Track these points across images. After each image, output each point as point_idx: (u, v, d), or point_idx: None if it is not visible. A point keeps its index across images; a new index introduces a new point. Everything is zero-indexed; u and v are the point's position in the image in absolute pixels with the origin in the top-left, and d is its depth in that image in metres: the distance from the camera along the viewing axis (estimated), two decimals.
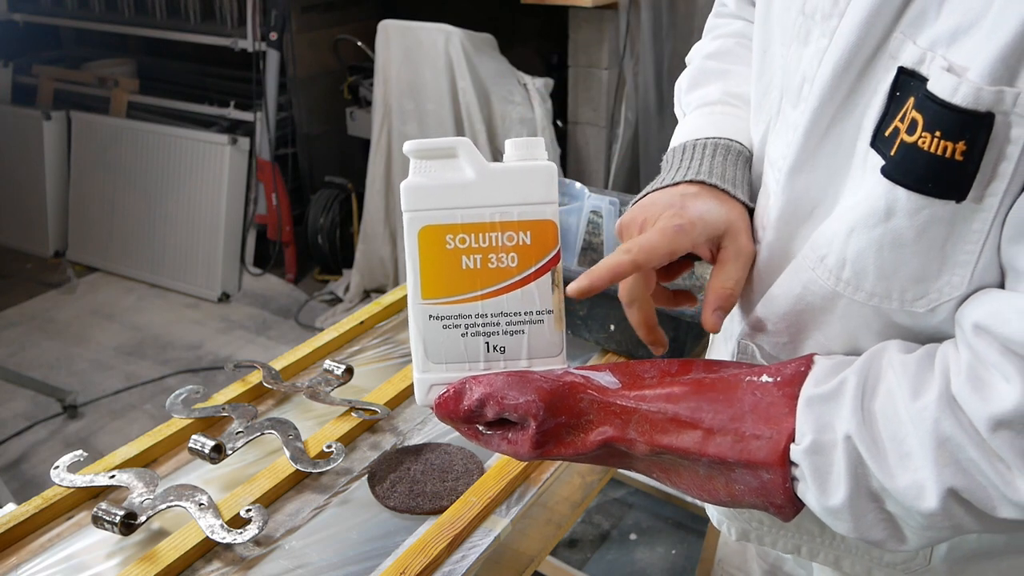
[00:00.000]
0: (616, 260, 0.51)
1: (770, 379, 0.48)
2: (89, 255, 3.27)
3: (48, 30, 3.66)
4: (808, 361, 0.49)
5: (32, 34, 3.58)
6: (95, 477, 0.77)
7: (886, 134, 0.44)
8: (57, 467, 0.78)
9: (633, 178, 2.55)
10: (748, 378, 0.48)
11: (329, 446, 0.83)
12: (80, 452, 0.80)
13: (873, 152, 0.46)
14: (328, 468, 0.80)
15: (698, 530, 1.88)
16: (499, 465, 0.81)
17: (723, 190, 0.57)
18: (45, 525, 0.76)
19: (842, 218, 0.48)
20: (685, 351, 1.01)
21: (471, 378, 0.51)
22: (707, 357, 0.60)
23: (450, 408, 0.51)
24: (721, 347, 0.66)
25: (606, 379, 0.51)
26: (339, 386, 0.94)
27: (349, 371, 0.95)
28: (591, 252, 1.27)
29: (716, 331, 0.54)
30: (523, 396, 0.48)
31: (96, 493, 0.78)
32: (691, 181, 0.57)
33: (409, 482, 0.81)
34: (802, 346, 0.54)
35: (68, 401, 2.37)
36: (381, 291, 2.90)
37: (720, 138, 0.61)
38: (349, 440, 0.87)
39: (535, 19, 2.78)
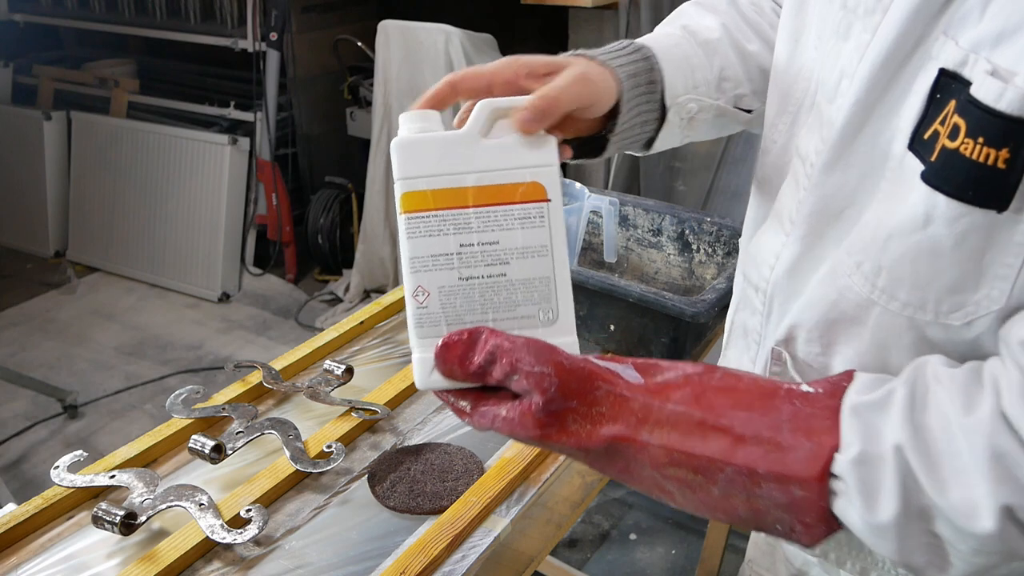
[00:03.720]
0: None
1: (811, 389, 0.44)
2: (89, 255, 3.27)
3: (48, 30, 3.65)
4: (848, 376, 0.44)
5: (32, 34, 3.58)
6: (95, 477, 0.77)
7: (924, 137, 0.43)
8: (57, 467, 0.78)
9: (633, 178, 2.55)
10: (787, 386, 0.44)
11: (329, 446, 0.83)
12: (80, 452, 0.80)
13: (911, 155, 0.44)
14: (328, 468, 0.80)
15: (698, 530, 1.88)
16: (499, 465, 0.81)
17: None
18: (45, 525, 0.76)
19: (879, 223, 0.46)
20: (685, 351, 1.01)
21: (488, 328, 0.46)
22: (720, 364, 0.57)
23: (458, 353, 0.46)
24: (740, 354, 0.64)
25: (628, 373, 0.46)
26: (339, 386, 0.94)
27: (349, 371, 0.95)
28: (591, 252, 1.27)
29: (527, 130, 0.47)
30: (539, 365, 0.44)
31: (96, 493, 0.78)
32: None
33: (409, 482, 0.81)
34: (833, 360, 0.52)
35: (68, 401, 2.37)
36: (381, 291, 2.90)
37: (648, 48, 0.59)
38: (349, 440, 0.87)
39: (535, 19, 2.77)
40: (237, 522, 0.73)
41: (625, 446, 0.44)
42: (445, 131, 0.48)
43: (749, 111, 0.66)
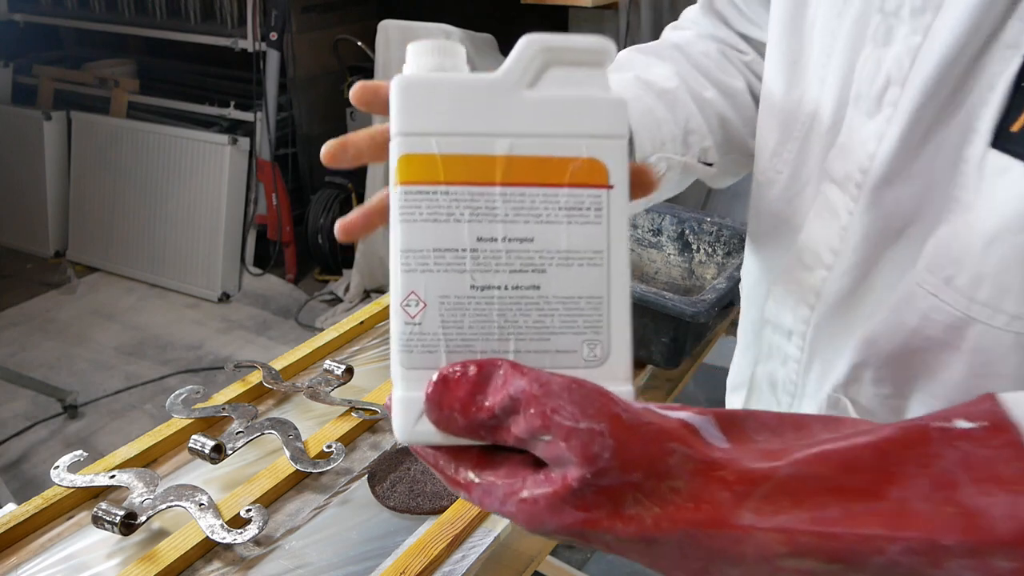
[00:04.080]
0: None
1: (970, 424, 0.32)
2: (89, 255, 3.27)
3: (48, 30, 3.66)
4: (990, 399, 0.33)
5: (32, 34, 3.58)
6: (95, 477, 0.77)
7: (1013, 130, 0.40)
8: (57, 467, 0.78)
9: None
10: (935, 424, 0.32)
11: (329, 446, 0.83)
12: (80, 452, 0.80)
13: (995, 152, 0.40)
14: (328, 468, 0.80)
15: None
16: None
17: None
18: (45, 525, 0.76)
19: (971, 230, 0.41)
20: (685, 351, 1.01)
21: (507, 361, 0.31)
22: (735, 405, 0.50)
23: (461, 395, 0.31)
24: (766, 397, 0.58)
25: (709, 431, 0.31)
26: (339, 386, 0.94)
27: (349, 371, 0.95)
28: None
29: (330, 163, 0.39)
30: (585, 419, 0.29)
31: (96, 493, 0.78)
32: None
33: (409, 482, 0.81)
34: (910, 400, 0.47)
35: (68, 401, 2.37)
36: (381, 291, 2.90)
37: None
38: (349, 440, 0.87)
39: (535, 19, 2.78)
40: (237, 522, 0.73)
41: (714, 535, 0.29)
42: (471, 73, 0.35)
43: (710, 164, 0.60)
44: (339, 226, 0.39)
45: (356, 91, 0.37)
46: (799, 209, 0.53)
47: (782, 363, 0.56)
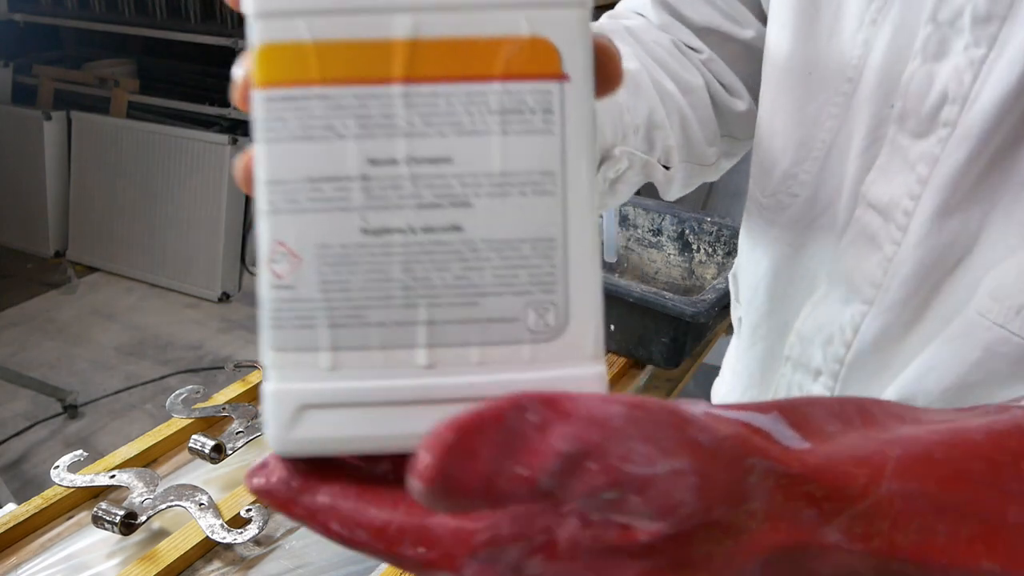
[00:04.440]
0: None
1: None
2: (89, 255, 3.27)
3: (48, 30, 3.65)
4: None
5: (32, 34, 3.58)
6: (95, 477, 0.77)
7: None
8: (57, 467, 0.78)
9: None
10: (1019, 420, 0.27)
11: None
12: (80, 452, 0.80)
13: None
14: None
15: None
16: None
17: None
18: (45, 525, 0.76)
19: None
20: (685, 351, 1.01)
21: (536, 397, 0.21)
22: None
23: (479, 470, 0.20)
24: None
25: (780, 430, 0.24)
26: None
27: None
28: None
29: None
30: (664, 458, 0.21)
31: (96, 493, 0.78)
32: None
33: None
34: None
35: (68, 401, 2.37)
36: None
37: None
38: None
39: None
40: (237, 522, 0.73)
41: (793, 553, 0.23)
42: None
43: (668, 167, 0.53)
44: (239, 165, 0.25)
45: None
46: (818, 236, 0.49)
47: None
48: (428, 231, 0.23)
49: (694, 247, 1.18)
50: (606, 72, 0.24)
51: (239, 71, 0.25)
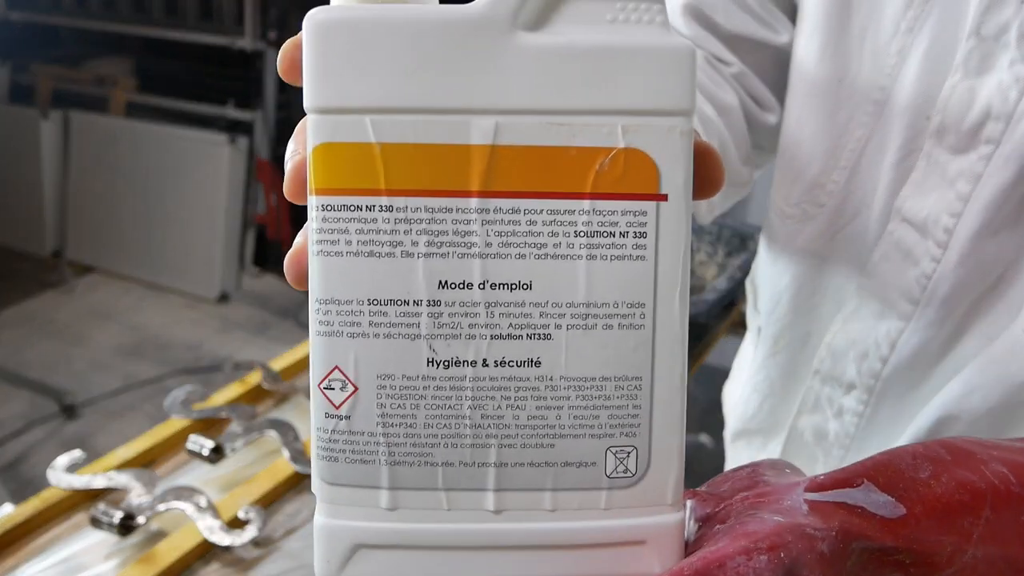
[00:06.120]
0: None
1: None
2: (87, 255, 3.27)
3: (46, 29, 3.65)
4: None
5: (30, 33, 3.57)
6: (93, 478, 0.77)
7: None
8: (55, 468, 0.77)
9: None
10: None
11: None
12: (78, 453, 0.80)
13: None
14: None
15: None
16: None
17: None
18: (43, 526, 0.75)
19: None
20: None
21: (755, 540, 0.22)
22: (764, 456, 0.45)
23: None
24: (808, 464, 0.51)
25: (873, 498, 0.24)
26: None
27: None
28: None
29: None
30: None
31: (94, 494, 0.78)
32: None
33: None
34: None
35: (66, 401, 2.37)
36: None
37: None
38: None
39: None
40: (236, 523, 0.73)
41: None
42: (434, 4, 0.21)
43: None
44: (289, 264, 0.24)
45: (285, 54, 0.23)
46: (845, 248, 0.48)
47: (836, 415, 0.49)
48: (502, 365, 0.21)
49: (694, 247, 1.17)
50: (706, 178, 0.23)
51: (292, 157, 0.22)
